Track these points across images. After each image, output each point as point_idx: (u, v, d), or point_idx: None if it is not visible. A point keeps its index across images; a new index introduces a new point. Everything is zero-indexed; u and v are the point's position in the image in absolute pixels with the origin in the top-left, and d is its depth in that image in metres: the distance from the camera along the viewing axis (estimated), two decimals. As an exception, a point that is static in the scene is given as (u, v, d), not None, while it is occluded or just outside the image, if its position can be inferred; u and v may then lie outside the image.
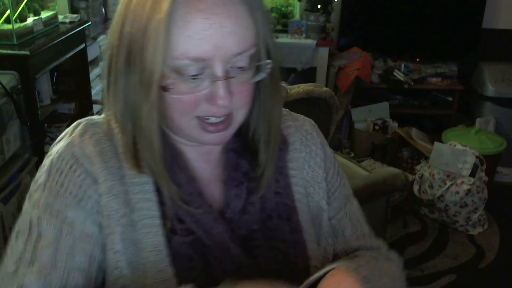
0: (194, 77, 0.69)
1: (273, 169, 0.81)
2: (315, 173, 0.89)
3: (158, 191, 0.75)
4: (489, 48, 3.77)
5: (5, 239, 1.88)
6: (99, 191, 0.73)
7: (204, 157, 0.82)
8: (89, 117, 0.81)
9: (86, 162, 0.74)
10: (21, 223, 0.75)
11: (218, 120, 0.73)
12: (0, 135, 1.90)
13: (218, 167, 0.83)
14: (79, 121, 0.80)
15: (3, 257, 0.75)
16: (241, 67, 0.71)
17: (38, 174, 0.77)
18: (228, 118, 0.73)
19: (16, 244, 0.74)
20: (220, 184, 0.82)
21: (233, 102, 0.71)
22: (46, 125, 2.56)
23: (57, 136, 0.82)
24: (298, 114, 0.94)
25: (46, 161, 0.77)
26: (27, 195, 0.77)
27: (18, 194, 1.95)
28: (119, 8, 0.71)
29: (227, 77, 0.69)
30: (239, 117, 0.75)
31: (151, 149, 0.72)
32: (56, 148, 0.76)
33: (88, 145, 0.75)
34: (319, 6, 3.58)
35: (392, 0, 3.73)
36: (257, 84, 0.76)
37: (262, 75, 0.74)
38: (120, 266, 0.72)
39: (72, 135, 0.77)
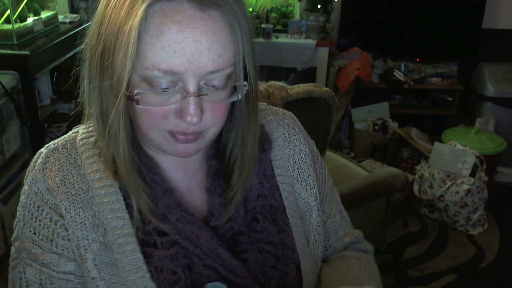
0: (165, 90, 0.66)
1: (243, 195, 0.79)
2: (300, 170, 0.88)
3: (130, 207, 0.74)
4: (489, 48, 3.77)
5: (5, 239, 1.88)
6: (65, 225, 0.74)
7: (181, 166, 0.80)
8: (49, 143, 0.80)
9: (50, 198, 0.75)
10: (13, 272, 0.78)
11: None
12: (0, 135, 1.90)
13: (197, 175, 0.82)
14: (40, 151, 0.79)
15: None
16: (216, 87, 0.68)
17: (17, 215, 0.79)
18: (198, 132, 0.71)
19: None
20: (201, 192, 0.80)
21: (204, 121, 0.69)
22: (46, 125, 2.56)
23: (57, 136, 0.82)
24: (277, 108, 0.92)
25: (19, 204, 0.78)
26: (12, 238, 0.80)
27: (18, 194, 1.95)
28: (99, 7, 0.69)
29: (199, 94, 0.67)
30: (209, 134, 0.73)
31: (119, 156, 0.70)
32: (23, 189, 0.78)
33: (49, 177, 0.75)
34: (319, 6, 3.58)
35: (392, 0, 3.73)
36: (234, 104, 0.74)
37: (237, 96, 0.71)
38: None
39: (35, 170, 0.77)
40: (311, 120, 0.97)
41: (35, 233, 0.75)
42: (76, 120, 0.83)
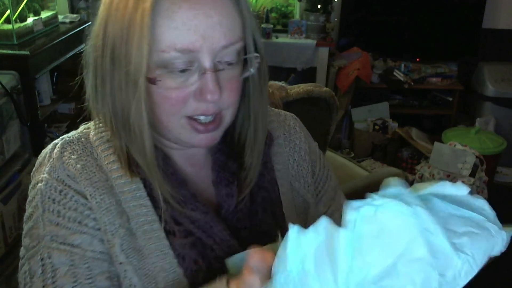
0: (183, 71, 0.68)
1: (257, 173, 0.80)
2: (300, 168, 0.88)
3: (150, 195, 0.74)
4: (489, 48, 3.77)
5: (5, 239, 1.88)
6: (92, 208, 0.73)
7: (190, 160, 0.81)
8: (63, 136, 0.80)
9: (73, 183, 0.73)
10: (31, 262, 0.73)
11: (208, 119, 0.72)
12: (0, 135, 1.90)
13: (204, 168, 0.82)
14: (54, 142, 0.79)
15: None
16: (229, 62, 0.70)
17: (28, 210, 0.76)
18: (217, 117, 0.72)
19: (35, 284, 0.71)
20: (208, 185, 0.81)
21: (222, 100, 0.70)
22: (46, 125, 2.56)
23: (57, 136, 0.82)
24: (280, 110, 0.94)
25: (34, 193, 0.75)
26: (23, 233, 0.76)
27: (18, 194, 1.96)
28: (101, 10, 0.70)
29: (215, 69, 0.68)
30: (227, 117, 0.74)
31: (143, 150, 0.71)
32: (40, 177, 0.75)
33: (69, 165, 0.74)
34: (319, 6, 3.58)
35: (392, 0, 3.73)
36: (244, 85, 0.76)
37: (250, 71, 0.73)
38: (128, 276, 0.72)
39: (51, 159, 0.76)
40: (311, 120, 0.97)
41: (59, 216, 0.72)
42: (76, 120, 0.83)
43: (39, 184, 0.74)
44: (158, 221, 0.74)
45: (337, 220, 0.92)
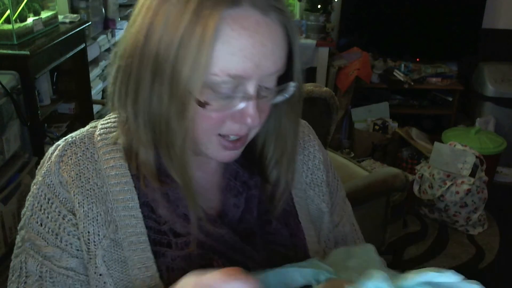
0: (229, 96, 0.67)
1: (286, 187, 0.80)
2: (314, 176, 0.89)
3: (142, 207, 0.74)
4: (489, 48, 3.77)
5: (5, 239, 1.88)
6: (75, 220, 0.74)
7: (202, 166, 0.81)
8: (67, 136, 0.79)
9: (62, 191, 0.74)
10: (15, 260, 0.78)
11: (236, 138, 0.72)
12: (0, 135, 1.90)
13: (216, 175, 0.82)
14: (57, 143, 0.79)
15: None
16: (268, 88, 0.70)
17: (25, 206, 0.78)
18: (245, 136, 0.73)
19: (13, 283, 0.77)
20: (216, 192, 0.81)
21: None
22: (46, 125, 2.55)
23: (57, 136, 0.82)
24: None
25: (30, 193, 0.78)
26: (19, 227, 0.79)
27: (18, 194, 1.95)
28: (142, 14, 0.68)
29: (259, 97, 0.68)
30: (252, 135, 0.75)
31: (181, 166, 0.70)
32: (36, 179, 0.77)
33: (65, 170, 0.75)
34: (319, 6, 3.58)
35: (392, 0, 3.73)
36: (275, 103, 0.76)
37: (284, 96, 0.73)
38: None
39: (50, 162, 0.76)
40: (311, 120, 0.97)
41: (41, 225, 0.75)
42: (76, 120, 0.82)
43: (34, 187, 0.77)
44: (146, 233, 0.74)
45: (348, 232, 0.92)
